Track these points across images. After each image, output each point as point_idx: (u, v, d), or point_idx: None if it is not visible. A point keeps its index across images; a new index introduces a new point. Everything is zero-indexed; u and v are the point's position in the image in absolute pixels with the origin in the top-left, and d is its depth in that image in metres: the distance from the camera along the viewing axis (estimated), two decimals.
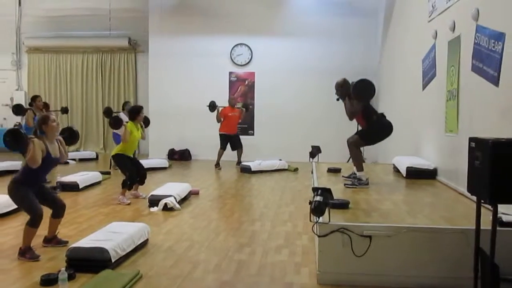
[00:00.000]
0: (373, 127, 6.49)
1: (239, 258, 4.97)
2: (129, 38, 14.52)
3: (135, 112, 7.99)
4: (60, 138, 5.26)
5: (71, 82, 15.14)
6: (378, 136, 6.69)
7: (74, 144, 5.84)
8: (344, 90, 6.49)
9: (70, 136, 5.57)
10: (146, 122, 8.73)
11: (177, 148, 13.52)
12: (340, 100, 6.59)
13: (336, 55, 12.97)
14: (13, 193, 5.00)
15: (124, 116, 10.29)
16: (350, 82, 6.46)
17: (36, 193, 5.02)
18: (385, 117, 6.55)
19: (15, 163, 10.07)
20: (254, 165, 11.13)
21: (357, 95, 6.27)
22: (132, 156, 8.03)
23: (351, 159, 6.93)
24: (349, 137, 6.65)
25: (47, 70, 15.22)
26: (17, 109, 9.91)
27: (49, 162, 5.04)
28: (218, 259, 4.93)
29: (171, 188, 7.81)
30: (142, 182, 8.11)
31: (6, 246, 5.31)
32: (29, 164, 4.85)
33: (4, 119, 14.87)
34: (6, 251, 5.14)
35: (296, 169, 11.32)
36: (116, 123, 8.56)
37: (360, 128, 6.93)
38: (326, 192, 4.29)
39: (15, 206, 6.78)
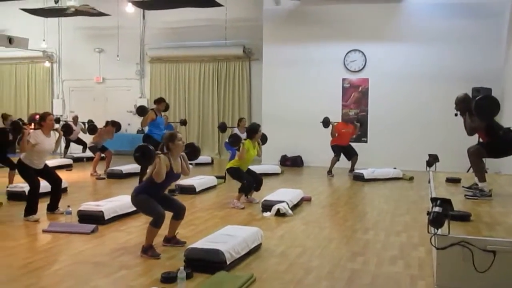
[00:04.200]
0: (499, 142, 6.03)
1: (352, 267, 4.90)
2: (243, 47, 14.92)
3: (253, 131, 8.13)
4: (183, 154, 5.50)
5: (189, 89, 15.85)
6: (504, 152, 6.21)
7: (195, 159, 6.12)
8: (465, 105, 6.08)
9: (192, 152, 5.82)
10: (264, 139, 8.84)
11: (289, 155, 13.62)
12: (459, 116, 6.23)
13: (454, 60, 12.38)
14: (135, 200, 5.33)
15: (238, 131, 10.60)
16: (472, 90, 6.07)
17: (157, 201, 5.29)
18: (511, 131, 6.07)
19: (138, 166, 10.67)
20: (367, 173, 10.91)
21: (479, 114, 5.79)
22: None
23: (471, 169, 6.55)
24: (470, 147, 6.29)
25: (167, 79, 16.06)
26: (141, 110, 10.45)
27: (171, 177, 5.32)
28: (330, 267, 4.90)
29: (283, 194, 7.88)
30: (258, 188, 8.28)
31: (130, 244, 5.67)
32: (154, 178, 5.15)
33: (128, 124, 15.87)
34: (130, 248, 5.48)
35: (411, 178, 10.93)
36: (235, 141, 8.79)
37: (481, 140, 6.50)
38: (445, 203, 4.09)
39: None
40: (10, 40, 14.28)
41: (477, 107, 5.74)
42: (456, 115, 6.30)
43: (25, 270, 4.74)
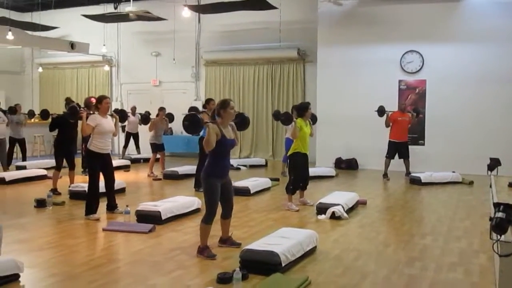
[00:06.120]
0: None
1: (410, 273, 4.79)
2: (298, 49, 14.86)
3: (303, 109, 8.06)
4: (232, 123, 5.51)
5: (243, 92, 15.95)
6: None
7: (244, 130, 6.10)
8: None
9: (242, 121, 5.81)
10: (314, 119, 8.78)
11: (344, 157, 13.47)
12: None
13: None
14: (204, 182, 5.32)
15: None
16: None
17: (223, 186, 5.32)
18: None
19: (193, 168, 10.84)
20: (424, 176, 10.63)
21: None
22: (307, 154, 8.10)
23: None
24: None
25: (221, 82, 16.22)
26: (193, 111, 10.52)
27: (225, 144, 5.28)
28: (387, 272, 4.81)
29: (338, 196, 7.81)
30: (304, 187, 8.23)
31: (186, 244, 5.76)
32: (205, 147, 5.19)
33: None
34: (187, 248, 5.56)
35: (471, 183, 10.58)
36: (287, 119, 8.76)
37: None
38: (509, 208, 3.94)
39: (194, 207, 7.36)
40: (72, 46, 14.88)
41: None
42: None
43: (86, 267, 4.90)
